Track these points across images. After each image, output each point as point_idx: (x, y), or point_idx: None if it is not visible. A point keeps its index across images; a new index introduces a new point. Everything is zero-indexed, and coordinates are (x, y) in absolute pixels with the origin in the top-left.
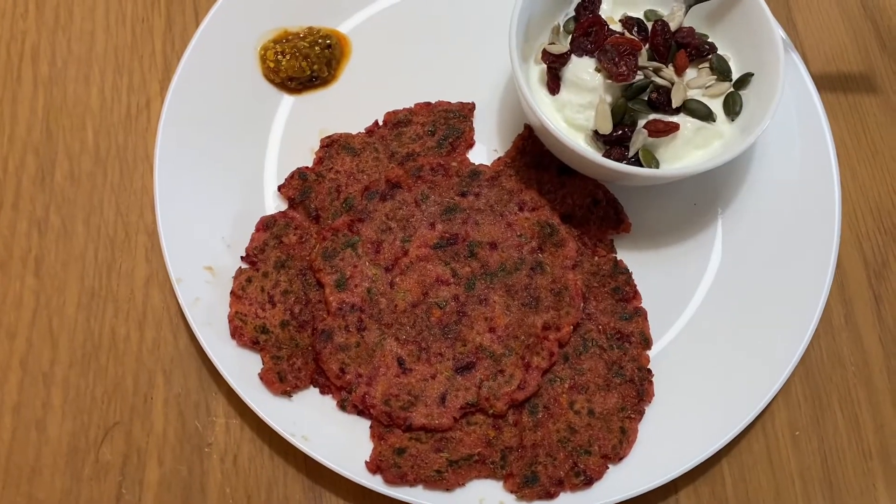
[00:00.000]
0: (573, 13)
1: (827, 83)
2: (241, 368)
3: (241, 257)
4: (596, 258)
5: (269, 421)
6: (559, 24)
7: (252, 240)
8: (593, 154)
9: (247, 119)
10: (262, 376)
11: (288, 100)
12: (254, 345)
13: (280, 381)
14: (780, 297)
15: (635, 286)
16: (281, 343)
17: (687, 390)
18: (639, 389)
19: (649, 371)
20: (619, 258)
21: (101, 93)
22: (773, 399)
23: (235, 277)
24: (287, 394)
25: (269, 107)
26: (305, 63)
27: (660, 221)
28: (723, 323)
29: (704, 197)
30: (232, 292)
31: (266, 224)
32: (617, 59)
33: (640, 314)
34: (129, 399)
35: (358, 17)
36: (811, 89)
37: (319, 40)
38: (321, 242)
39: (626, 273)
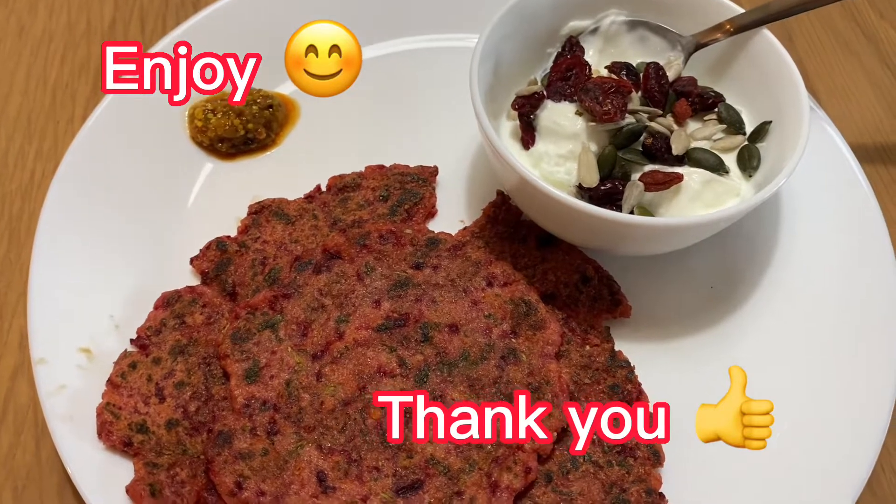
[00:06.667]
0: (550, 70)
1: (863, 155)
2: (105, 480)
3: (131, 340)
4: (587, 347)
5: None
6: (535, 77)
7: (147, 318)
8: (584, 205)
9: (161, 184)
10: (130, 489)
11: (215, 164)
12: (125, 447)
13: (152, 497)
14: (831, 410)
15: (639, 384)
16: (163, 448)
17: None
18: None
19: (662, 496)
20: (617, 349)
21: (2, 158)
22: None
23: (116, 362)
24: None
25: (191, 171)
26: (238, 121)
27: (667, 307)
28: None
29: (724, 279)
30: (108, 380)
31: (167, 300)
32: (601, 97)
33: None
34: None
35: None
36: (849, 157)
37: (259, 100)
38: (233, 322)
39: (627, 367)
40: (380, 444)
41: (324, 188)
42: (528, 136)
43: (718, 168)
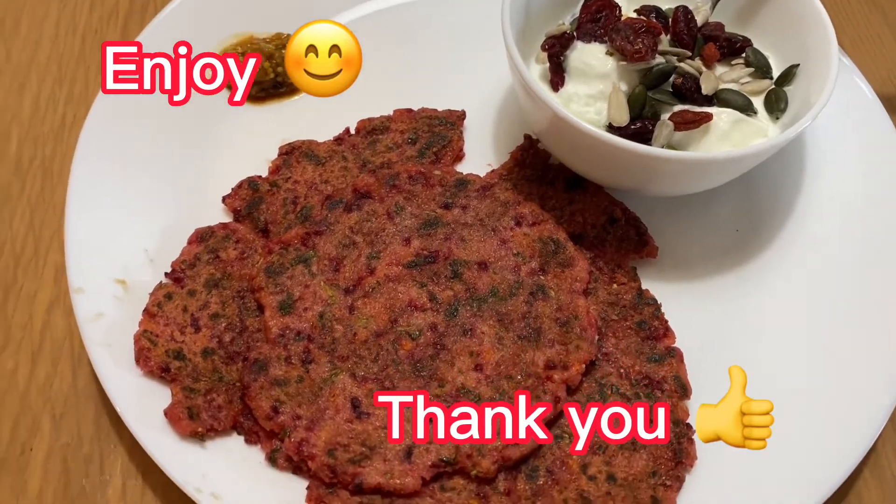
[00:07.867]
0: (580, 13)
1: (888, 106)
2: (143, 403)
3: (165, 273)
4: (615, 286)
5: (166, 468)
6: (564, 22)
7: (182, 253)
8: (615, 138)
9: (193, 126)
10: (168, 411)
11: (245, 108)
12: (163, 373)
13: (190, 419)
14: (855, 347)
15: (666, 321)
16: (199, 374)
17: (739, 453)
18: (675, 450)
19: (689, 426)
20: (644, 288)
21: (34, 102)
22: (857, 471)
23: (152, 293)
24: (199, 436)
25: (221, 114)
26: (268, 64)
27: (693, 248)
28: (781, 370)
29: (749, 223)
30: (145, 309)
31: (201, 236)
32: (632, 37)
33: (674, 355)
34: (2, 449)
35: None
36: (875, 104)
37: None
38: (266, 257)
39: (654, 304)
40: (412, 373)
41: (352, 131)
42: (557, 77)
43: (747, 108)
